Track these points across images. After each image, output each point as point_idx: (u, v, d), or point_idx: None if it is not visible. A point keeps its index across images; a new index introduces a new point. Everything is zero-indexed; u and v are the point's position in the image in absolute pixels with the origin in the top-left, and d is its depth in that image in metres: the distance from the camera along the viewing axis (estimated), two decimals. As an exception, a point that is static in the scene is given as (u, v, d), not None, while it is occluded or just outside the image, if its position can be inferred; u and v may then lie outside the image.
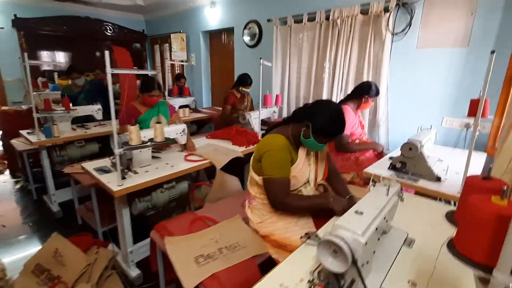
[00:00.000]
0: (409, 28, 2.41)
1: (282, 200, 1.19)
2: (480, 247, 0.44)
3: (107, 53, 1.24)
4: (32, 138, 2.21)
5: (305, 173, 1.26)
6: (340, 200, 1.20)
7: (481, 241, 0.44)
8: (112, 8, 5.27)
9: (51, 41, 5.07)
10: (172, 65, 5.67)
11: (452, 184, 1.44)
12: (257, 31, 3.74)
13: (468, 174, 1.22)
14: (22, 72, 4.83)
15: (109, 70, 1.24)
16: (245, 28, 3.88)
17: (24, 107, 3.84)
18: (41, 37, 4.90)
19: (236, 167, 2.65)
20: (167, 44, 5.71)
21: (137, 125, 1.46)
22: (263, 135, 1.37)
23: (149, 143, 1.52)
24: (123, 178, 1.47)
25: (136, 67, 4.65)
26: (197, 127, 3.69)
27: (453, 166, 1.67)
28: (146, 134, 1.62)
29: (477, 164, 1.82)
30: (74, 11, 4.94)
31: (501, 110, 2.07)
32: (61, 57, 5.35)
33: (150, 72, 2.01)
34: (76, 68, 2.89)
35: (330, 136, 1.20)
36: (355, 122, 2.23)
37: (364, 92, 2.20)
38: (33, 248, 2.10)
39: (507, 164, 0.99)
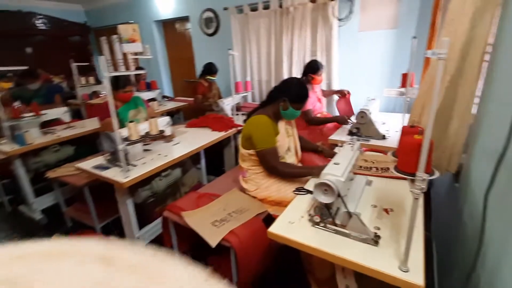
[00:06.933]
0: (351, 14, 2.80)
1: (275, 166, 1.50)
2: (410, 163, 0.79)
3: (102, 58, 1.35)
4: (5, 148, 2.14)
5: (286, 142, 1.59)
6: (322, 168, 1.54)
7: (410, 160, 0.78)
8: (44, -1, 4.80)
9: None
10: (125, 57, 5.43)
11: (394, 139, 1.88)
12: (214, 19, 3.84)
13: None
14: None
15: (106, 74, 1.36)
16: (201, 16, 3.94)
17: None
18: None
19: (217, 149, 2.89)
20: (116, 36, 5.42)
21: (135, 121, 1.59)
22: (245, 120, 1.65)
23: (147, 136, 1.67)
24: (127, 170, 1.61)
25: (86, 63, 4.41)
26: (166, 119, 3.76)
27: (393, 126, 2.15)
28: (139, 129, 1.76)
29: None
30: (4, 5, 4.40)
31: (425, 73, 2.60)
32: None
33: (141, 72, 2.07)
34: (32, 73, 2.75)
35: (303, 100, 1.56)
36: (313, 99, 2.59)
37: (307, 71, 2.57)
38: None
39: (419, 115, 1.42)
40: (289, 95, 1.51)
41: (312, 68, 2.52)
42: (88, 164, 1.79)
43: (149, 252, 0.21)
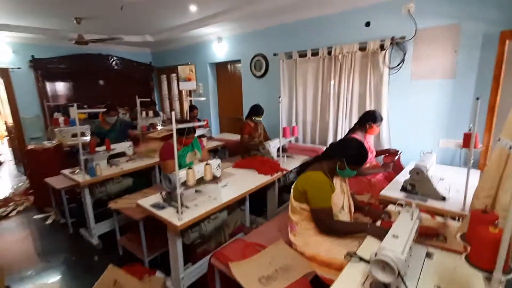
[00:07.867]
0: (403, 63, 2.79)
1: (329, 225, 1.49)
2: (485, 258, 0.73)
3: (173, 113, 1.53)
4: (78, 178, 2.46)
5: (340, 200, 1.57)
6: (375, 228, 1.47)
7: (485, 254, 0.73)
8: (122, 44, 5.64)
9: (62, 77, 5.36)
10: (180, 93, 6.02)
11: (455, 202, 1.73)
12: (264, 63, 4.11)
13: (467, 191, 1.56)
14: (39, 109, 5.12)
15: (174, 126, 1.53)
16: (252, 60, 4.25)
17: (46, 143, 4.05)
18: (55, 75, 5.20)
19: (261, 192, 2.92)
20: (174, 74, 6.07)
21: (193, 167, 1.73)
22: (298, 172, 1.68)
23: (202, 182, 1.79)
24: (181, 213, 1.73)
25: (147, 98, 4.94)
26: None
27: (454, 184, 1.99)
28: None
29: (473, 180, 2.12)
30: (87, 49, 5.27)
31: (489, 128, 2.39)
32: (63, 88, 5.49)
33: (198, 124, 2.31)
34: (114, 107, 3.21)
35: (361, 163, 1.56)
36: None
37: (367, 119, 2.55)
38: (86, 278, 2.25)
39: (488, 192, 1.29)
40: (347, 156, 1.52)
41: (373, 117, 2.52)
42: (147, 202, 1.96)
43: None
